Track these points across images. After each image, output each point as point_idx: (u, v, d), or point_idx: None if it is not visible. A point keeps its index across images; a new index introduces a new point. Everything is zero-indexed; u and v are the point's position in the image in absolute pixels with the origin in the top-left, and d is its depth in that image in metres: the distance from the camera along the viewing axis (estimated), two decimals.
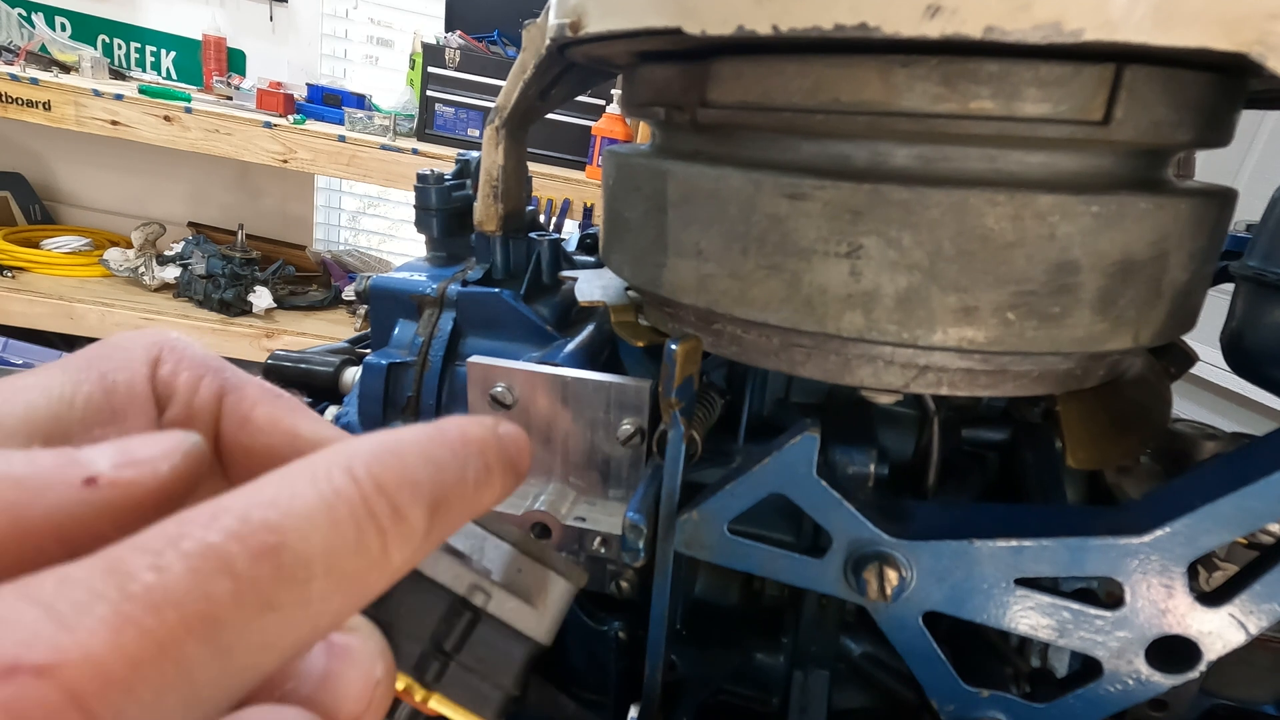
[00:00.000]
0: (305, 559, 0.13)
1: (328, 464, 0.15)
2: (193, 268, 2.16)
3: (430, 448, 0.17)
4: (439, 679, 0.21)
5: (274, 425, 0.22)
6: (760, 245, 0.29)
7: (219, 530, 0.13)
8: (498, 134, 0.47)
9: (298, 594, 0.13)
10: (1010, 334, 0.28)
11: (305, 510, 0.14)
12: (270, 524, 0.13)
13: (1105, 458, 0.33)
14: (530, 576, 0.22)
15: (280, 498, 0.14)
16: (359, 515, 0.15)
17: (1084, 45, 0.23)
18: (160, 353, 0.22)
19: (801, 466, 0.31)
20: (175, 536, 0.13)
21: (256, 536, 0.13)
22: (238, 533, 0.13)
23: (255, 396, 0.22)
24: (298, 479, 0.15)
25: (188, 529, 0.13)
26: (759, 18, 0.25)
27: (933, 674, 0.32)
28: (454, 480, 0.17)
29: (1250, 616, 0.28)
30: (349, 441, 0.16)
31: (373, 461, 0.16)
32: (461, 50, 2.05)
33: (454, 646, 0.21)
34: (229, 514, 0.13)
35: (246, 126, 1.88)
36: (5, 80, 1.78)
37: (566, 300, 0.52)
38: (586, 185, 1.96)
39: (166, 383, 0.21)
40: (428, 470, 0.17)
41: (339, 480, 0.15)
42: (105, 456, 0.16)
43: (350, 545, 0.14)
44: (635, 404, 0.38)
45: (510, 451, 0.20)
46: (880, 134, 0.28)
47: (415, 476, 0.16)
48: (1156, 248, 0.28)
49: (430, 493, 0.16)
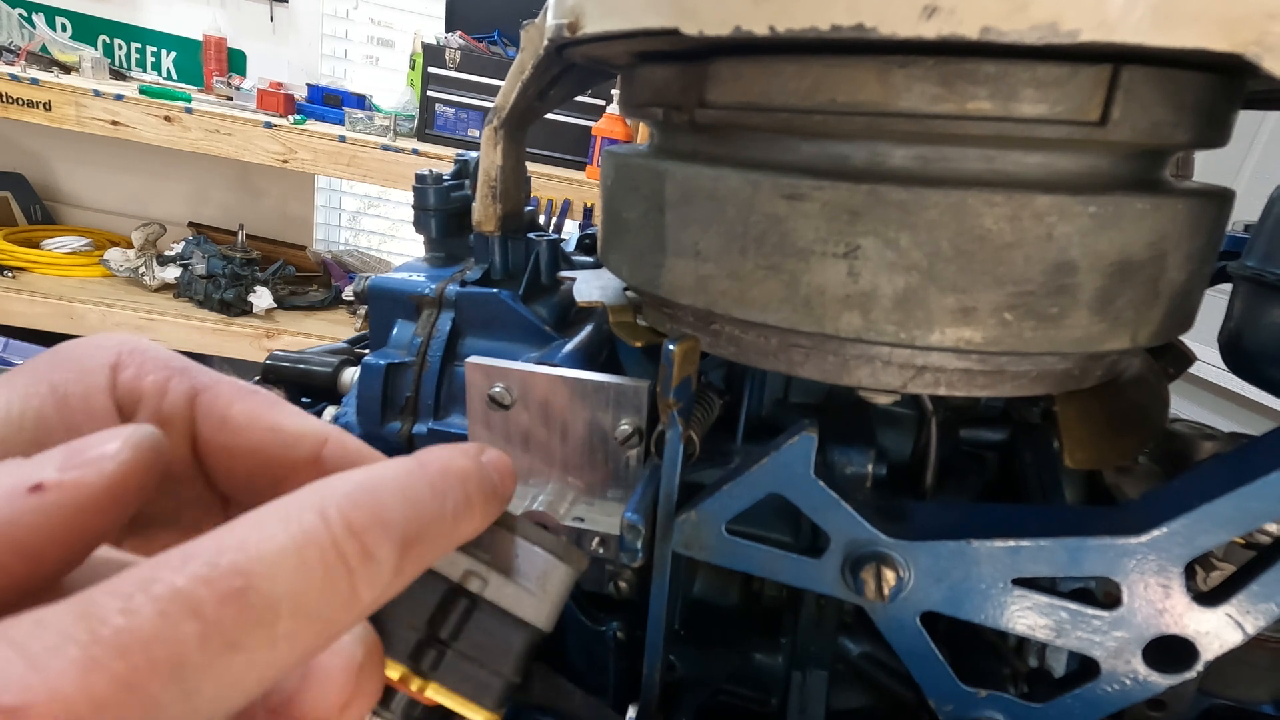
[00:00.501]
0: (271, 601, 0.14)
1: (301, 504, 0.15)
2: (193, 268, 2.16)
3: (408, 483, 0.17)
4: (435, 667, 0.20)
5: (254, 422, 0.21)
6: (758, 246, 0.29)
7: (188, 574, 0.13)
8: (496, 134, 0.47)
9: (263, 635, 0.14)
10: (1008, 334, 0.28)
11: (274, 553, 0.14)
12: (238, 567, 0.14)
13: (1103, 458, 0.33)
14: (528, 562, 0.22)
15: (250, 540, 0.14)
16: (327, 557, 0.15)
17: (1081, 46, 0.23)
18: (119, 358, 0.21)
19: (799, 467, 0.31)
20: (146, 580, 0.13)
21: (224, 580, 0.13)
22: (206, 577, 0.13)
23: (230, 394, 0.21)
24: (270, 520, 0.15)
25: (159, 573, 0.13)
26: (756, 18, 0.25)
27: (931, 674, 0.32)
28: (431, 516, 0.18)
29: (1248, 616, 0.28)
30: (327, 480, 0.17)
31: (345, 501, 0.16)
32: (462, 50, 2.05)
33: (450, 634, 0.21)
34: (198, 558, 0.14)
35: (247, 127, 1.88)
36: (6, 80, 1.78)
37: (565, 300, 0.52)
38: (586, 185, 1.96)
39: (130, 389, 0.20)
40: (402, 509, 0.17)
41: (309, 522, 0.15)
42: (51, 461, 0.15)
43: (318, 586, 0.15)
44: (633, 404, 0.38)
45: (493, 480, 0.20)
46: (878, 134, 0.28)
47: (388, 516, 0.16)
48: (1154, 248, 0.28)
49: (402, 531, 0.17)
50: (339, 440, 0.22)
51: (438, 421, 0.49)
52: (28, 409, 0.19)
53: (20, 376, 0.19)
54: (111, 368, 0.20)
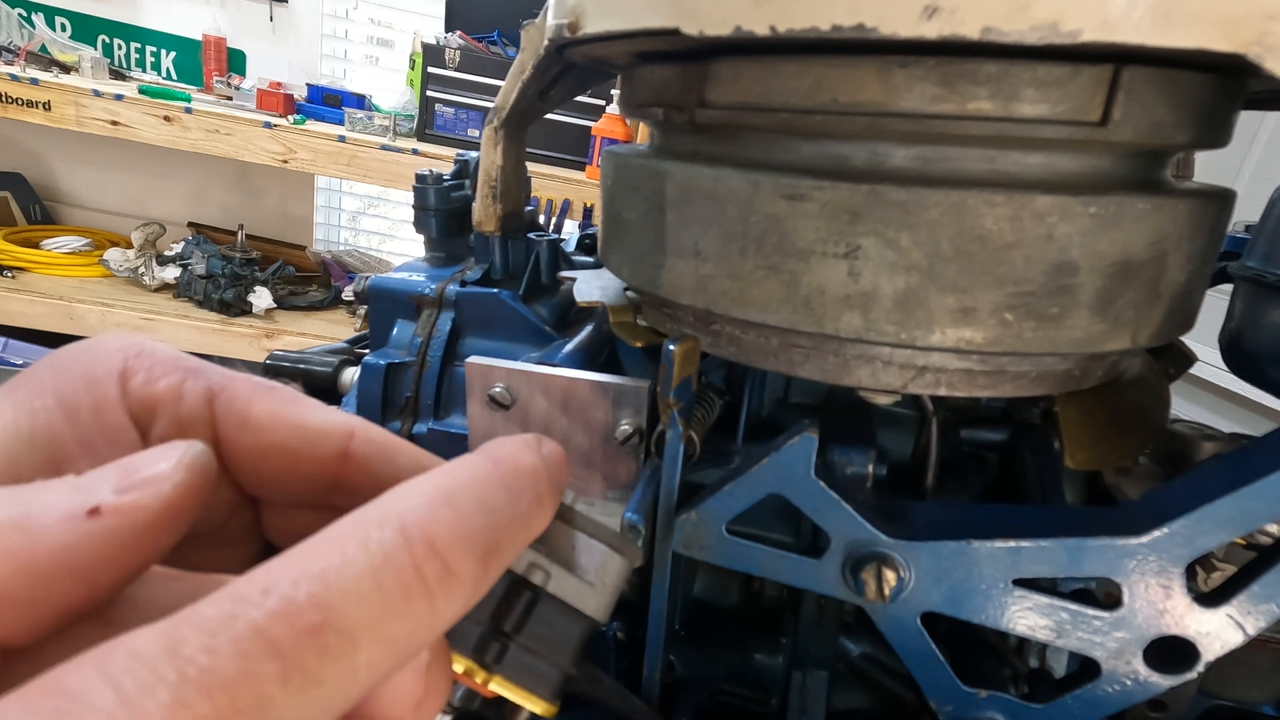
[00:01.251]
0: (350, 634, 0.14)
1: (380, 522, 0.15)
2: (193, 268, 2.16)
3: (485, 490, 0.17)
4: (499, 660, 0.20)
5: (278, 421, 0.20)
6: (759, 246, 0.29)
7: (267, 611, 0.13)
8: (496, 134, 0.47)
9: (343, 665, 0.14)
10: (1008, 335, 0.28)
11: (353, 580, 0.14)
12: (317, 600, 0.13)
13: (1104, 458, 0.33)
14: (587, 554, 0.22)
15: (330, 568, 0.14)
16: (407, 580, 0.15)
17: (1082, 46, 0.23)
18: (126, 363, 0.19)
19: (800, 467, 0.31)
20: (229, 617, 0.13)
21: (303, 616, 0.13)
22: (284, 613, 0.13)
23: (248, 393, 0.20)
24: (349, 542, 0.15)
25: (240, 607, 0.13)
26: (757, 18, 0.25)
27: (931, 674, 0.32)
28: (508, 521, 0.17)
29: (1248, 617, 0.28)
30: (402, 491, 0.16)
31: (426, 517, 0.15)
32: (461, 50, 2.05)
33: (514, 627, 0.21)
34: (275, 593, 0.13)
35: (246, 127, 1.88)
36: (5, 80, 1.78)
37: (565, 300, 0.52)
38: (586, 185, 1.96)
39: (143, 397, 0.19)
40: (482, 517, 0.16)
41: (390, 542, 0.15)
42: (107, 482, 0.15)
43: (397, 611, 0.14)
44: (634, 404, 0.38)
45: (556, 473, 0.19)
46: (878, 135, 0.28)
47: (470, 527, 0.16)
48: (1155, 248, 0.28)
49: (485, 542, 0.16)
50: (365, 432, 0.21)
51: (438, 421, 0.49)
52: (37, 425, 0.18)
53: (22, 389, 0.18)
54: (120, 375, 0.19)
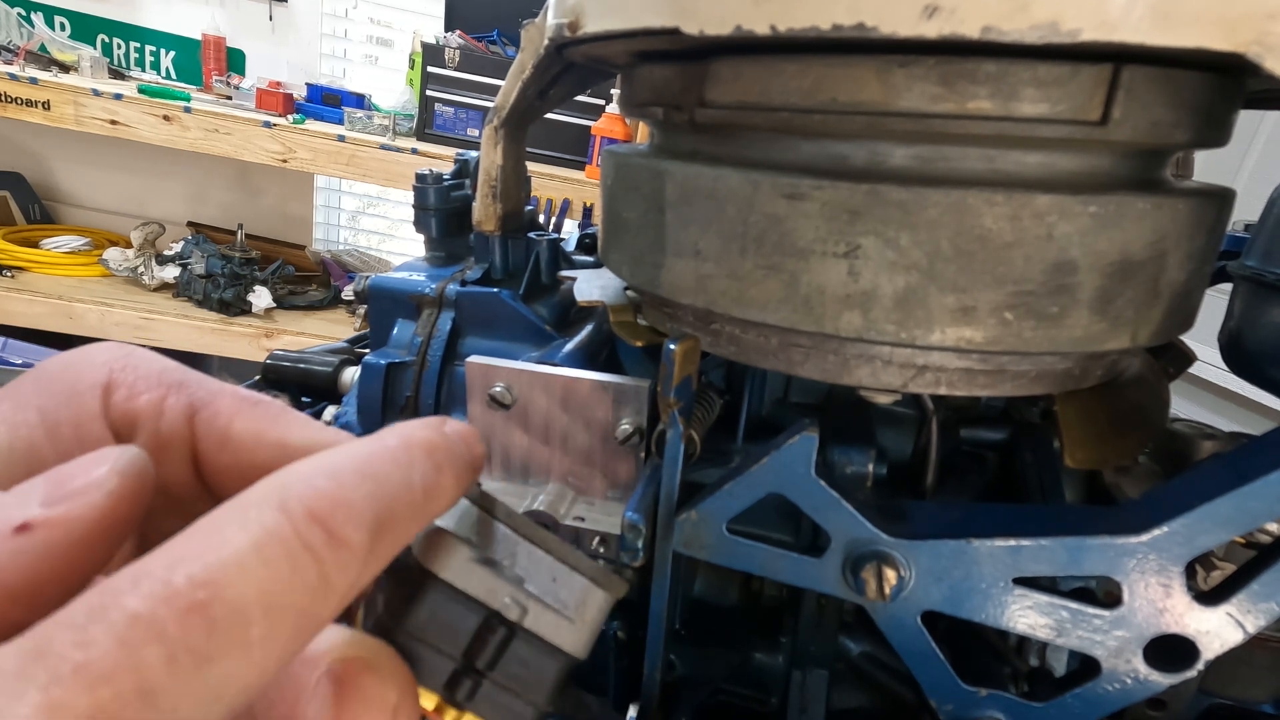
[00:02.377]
0: (239, 607, 0.13)
1: (259, 500, 0.15)
2: (192, 267, 2.16)
3: (369, 462, 0.17)
4: (471, 698, 0.19)
5: (259, 439, 0.20)
6: (758, 245, 0.29)
7: (143, 595, 0.13)
8: (496, 134, 0.47)
9: (236, 642, 0.13)
10: (1008, 334, 0.28)
11: (235, 556, 0.14)
12: (196, 579, 0.13)
13: (1104, 457, 0.33)
14: (567, 587, 0.21)
15: (209, 547, 0.14)
16: (293, 550, 0.14)
17: (1082, 45, 0.23)
18: (110, 377, 0.19)
19: (800, 466, 0.31)
20: (99, 608, 0.12)
21: (183, 595, 0.13)
22: (162, 595, 0.13)
23: (230, 409, 0.20)
24: (228, 522, 0.14)
25: (110, 598, 0.12)
26: (757, 18, 0.25)
27: (931, 673, 0.32)
28: (398, 491, 0.17)
29: (1248, 615, 0.28)
30: (285, 471, 0.16)
31: (306, 490, 0.15)
32: (461, 50, 2.05)
33: (487, 664, 0.20)
34: (151, 576, 0.13)
35: (246, 126, 1.88)
36: (5, 80, 1.78)
37: (565, 300, 0.52)
38: (586, 185, 1.96)
39: (124, 411, 0.19)
40: (366, 486, 0.16)
41: (269, 517, 0.14)
42: (35, 495, 0.15)
43: (286, 582, 0.14)
44: (634, 404, 0.38)
45: (459, 448, 0.19)
46: (878, 134, 0.28)
47: (351, 497, 0.16)
48: (1154, 248, 0.28)
49: (371, 510, 0.16)
50: None
51: None
52: (16, 439, 0.18)
53: (5, 403, 0.18)
54: (103, 389, 0.19)
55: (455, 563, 0.20)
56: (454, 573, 0.20)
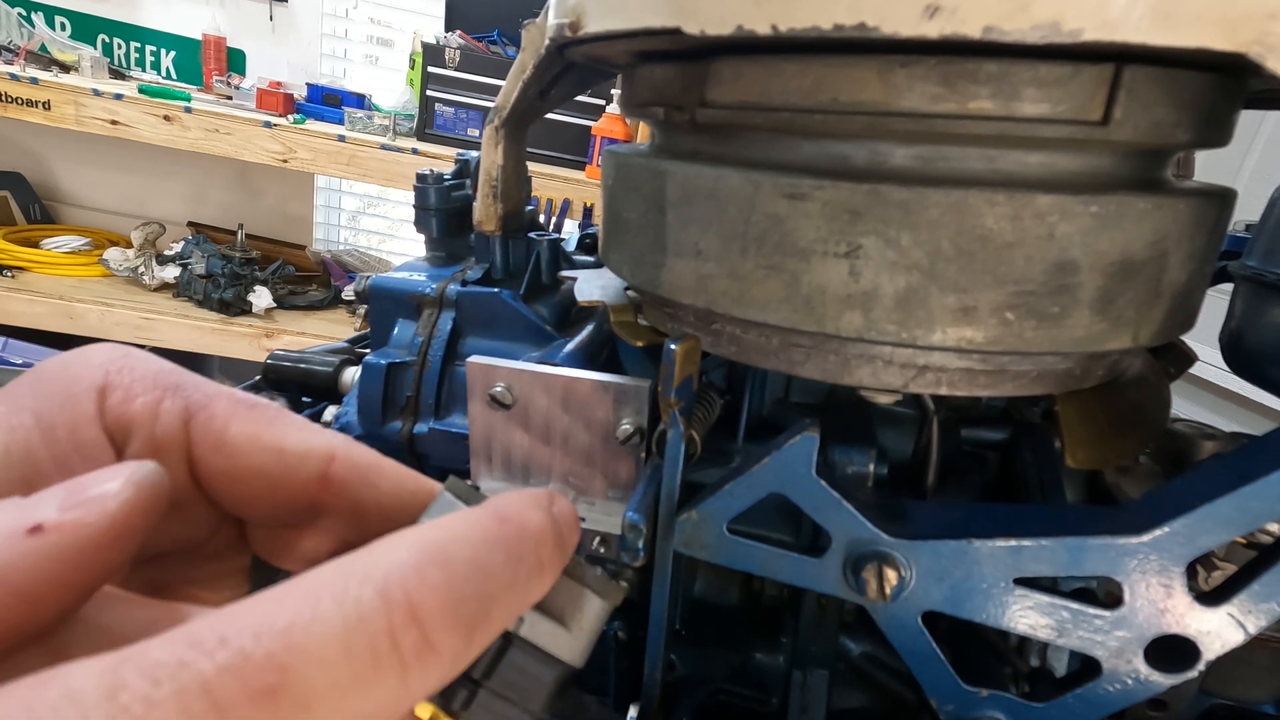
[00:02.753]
0: (306, 701, 0.12)
1: (362, 577, 0.14)
2: (192, 267, 2.16)
3: (482, 551, 0.16)
4: (466, 706, 0.19)
5: (255, 443, 0.20)
6: (759, 245, 0.29)
7: (219, 664, 0.12)
8: (497, 134, 0.47)
9: None
10: (1009, 334, 0.28)
11: (319, 641, 0.13)
12: (274, 659, 0.12)
13: (1104, 458, 0.33)
14: (564, 595, 0.21)
15: (297, 624, 0.13)
16: (379, 647, 0.13)
17: (1083, 45, 0.23)
18: (107, 379, 0.19)
19: (801, 466, 0.31)
20: (177, 666, 0.12)
21: (257, 676, 0.12)
22: (238, 669, 0.12)
23: (227, 412, 0.20)
24: (323, 595, 0.13)
25: (191, 655, 0.12)
26: (758, 18, 0.25)
27: (932, 673, 0.32)
28: (503, 588, 0.16)
29: (1249, 616, 0.28)
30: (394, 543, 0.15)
31: (412, 578, 0.14)
32: (461, 50, 2.05)
33: (483, 673, 0.19)
34: (232, 644, 0.12)
35: (246, 126, 1.88)
36: (5, 80, 1.78)
37: (566, 300, 0.52)
38: (586, 185, 1.96)
39: (120, 415, 0.19)
40: (475, 583, 0.15)
41: (367, 601, 0.13)
42: (52, 500, 0.15)
43: (363, 681, 0.13)
44: (635, 404, 0.38)
45: (566, 536, 0.18)
46: (879, 134, 0.28)
47: (459, 594, 0.15)
48: (1155, 248, 0.28)
49: (473, 612, 0.15)
50: (346, 455, 0.21)
51: (439, 421, 0.49)
52: (13, 443, 0.17)
53: (0, 406, 0.18)
54: (99, 391, 0.19)
55: None
56: None
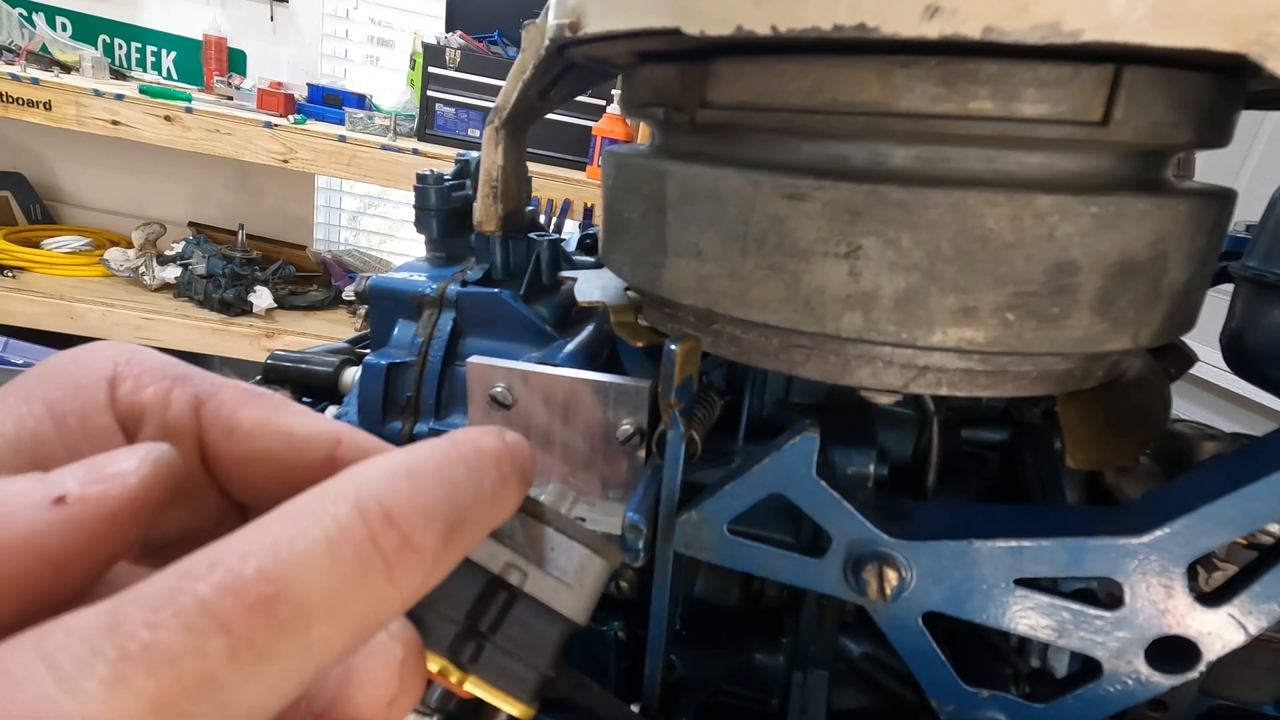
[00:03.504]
0: (303, 606, 0.13)
1: (335, 495, 0.15)
2: (193, 268, 2.16)
3: (444, 465, 0.17)
4: (475, 660, 0.20)
5: (263, 428, 0.20)
6: (759, 246, 0.29)
7: (213, 584, 0.13)
8: (497, 134, 0.47)
9: (296, 642, 0.13)
10: (1009, 334, 0.28)
11: (306, 553, 0.14)
12: (266, 573, 0.13)
13: (1105, 458, 0.33)
14: (565, 555, 0.22)
15: (282, 540, 0.14)
16: (364, 552, 0.14)
17: (1083, 46, 0.23)
18: (116, 370, 0.20)
19: (801, 467, 0.31)
20: (173, 591, 0.13)
21: (251, 589, 0.13)
22: (231, 586, 0.13)
23: (235, 400, 0.20)
24: (303, 515, 0.14)
25: (185, 582, 0.13)
26: (758, 18, 0.25)
27: (932, 674, 0.32)
28: (470, 498, 0.17)
29: (1250, 617, 0.28)
30: (361, 466, 0.16)
31: (385, 489, 0.15)
32: (462, 50, 2.05)
33: (490, 627, 0.21)
34: (223, 565, 0.13)
35: (247, 126, 1.88)
36: (6, 80, 1.78)
37: (566, 300, 0.52)
38: (586, 185, 1.96)
39: (130, 404, 0.20)
40: (443, 490, 0.16)
41: (344, 514, 0.14)
42: (73, 474, 0.15)
43: (353, 585, 0.14)
44: (635, 404, 0.38)
45: (521, 459, 0.19)
46: (879, 134, 0.28)
47: (429, 500, 0.16)
48: (1155, 248, 0.28)
49: (446, 514, 0.16)
50: (352, 439, 0.21)
51: (439, 421, 0.49)
52: (24, 430, 0.18)
53: (11, 395, 0.19)
54: (109, 382, 0.19)
55: None
56: None
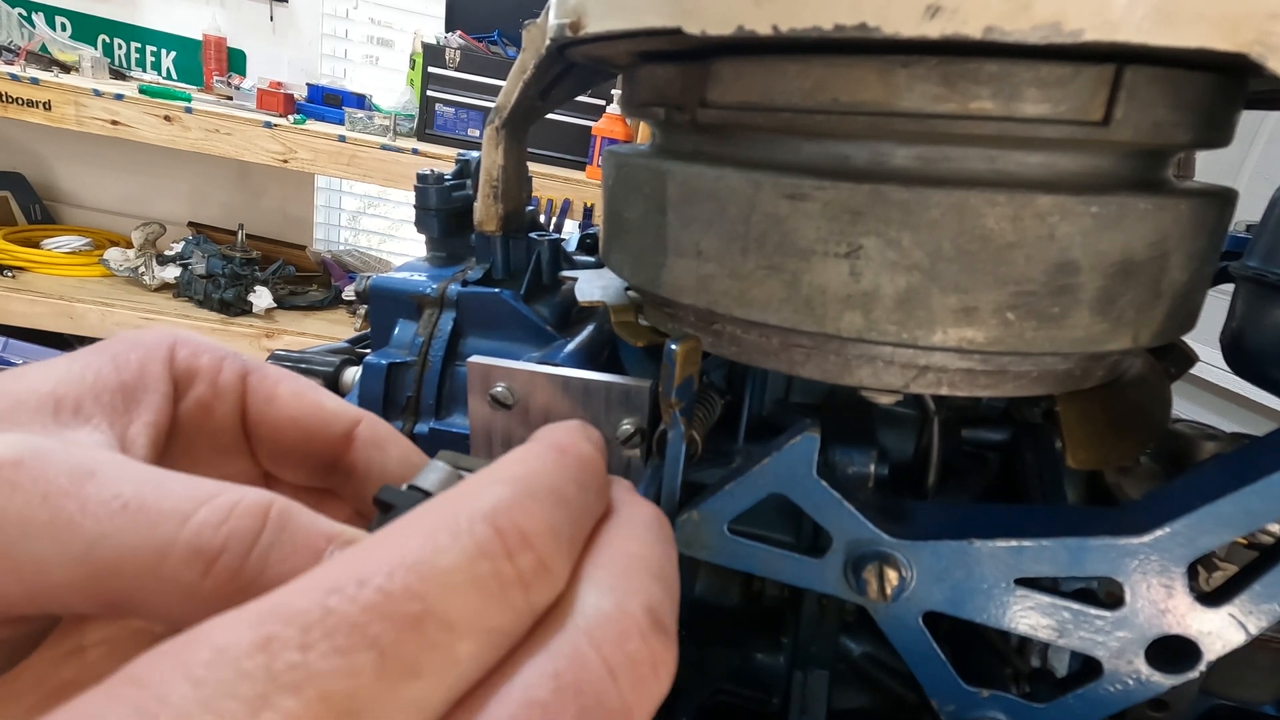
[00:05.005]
0: (449, 624, 0.13)
1: (469, 514, 0.15)
2: (193, 267, 2.16)
3: (560, 482, 0.17)
4: None
5: (299, 400, 0.23)
6: (760, 245, 0.29)
7: (364, 604, 0.13)
8: (498, 134, 0.47)
9: (443, 657, 0.13)
10: (1010, 334, 0.28)
11: (450, 571, 0.14)
12: (413, 590, 0.13)
13: (1105, 458, 0.33)
14: None
15: (424, 556, 0.14)
16: (503, 571, 0.14)
17: (1084, 45, 0.23)
18: (177, 339, 0.23)
19: (801, 466, 0.31)
20: (323, 610, 0.12)
21: (400, 606, 0.13)
22: (382, 607, 0.13)
23: (277, 375, 0.24)
24: (439, 531, 0.14)
25: (334, 600, 0.13)
26: (759, 18, 0.25)
27: (933, 674, 0.32)
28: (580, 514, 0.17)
29: (1250, 616, 0.28)
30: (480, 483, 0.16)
31: (519, 511, 0.15)
32: (462, 50, 2.05)
33: None
34: (372, 584, 0.13)
35: (247, 126, 1.89)
36: (6, 80, 1.78)
37: (566, 300, 0.52)
38: (586, 185, 1.96)
39: (187, 366, 0.22)
40: (562, 511, 0.16)
41: (481, 532, 0.15)
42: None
43: (495, 602, 0.14)
44: (635, 404, 0.38)
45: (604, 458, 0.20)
46: (880, 134, 0.28)
47: (555, 520, 0.16)
48: (1156, 248, 0.28)
49: (569, 535, 0.16)
50: (370, 422, 0.25)
51: (439, 421, 0.49)
52: (87, 369, 0.20)
53: (85, 349, 0.21)
54: (169, 348, 0.22)
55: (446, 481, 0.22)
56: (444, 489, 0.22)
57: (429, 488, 0.22)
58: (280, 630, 0.12)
